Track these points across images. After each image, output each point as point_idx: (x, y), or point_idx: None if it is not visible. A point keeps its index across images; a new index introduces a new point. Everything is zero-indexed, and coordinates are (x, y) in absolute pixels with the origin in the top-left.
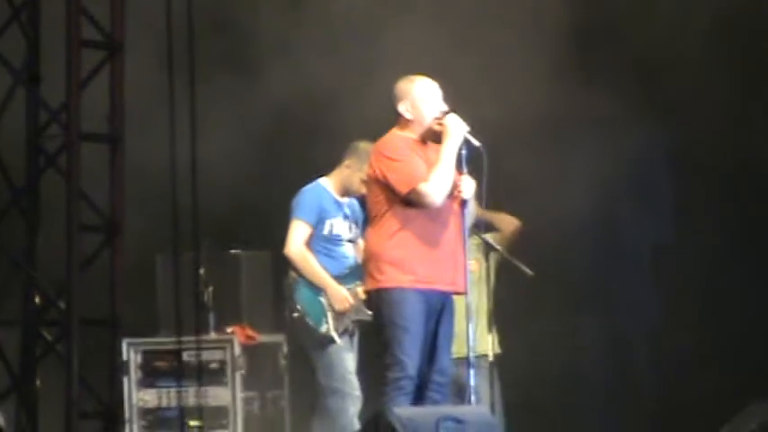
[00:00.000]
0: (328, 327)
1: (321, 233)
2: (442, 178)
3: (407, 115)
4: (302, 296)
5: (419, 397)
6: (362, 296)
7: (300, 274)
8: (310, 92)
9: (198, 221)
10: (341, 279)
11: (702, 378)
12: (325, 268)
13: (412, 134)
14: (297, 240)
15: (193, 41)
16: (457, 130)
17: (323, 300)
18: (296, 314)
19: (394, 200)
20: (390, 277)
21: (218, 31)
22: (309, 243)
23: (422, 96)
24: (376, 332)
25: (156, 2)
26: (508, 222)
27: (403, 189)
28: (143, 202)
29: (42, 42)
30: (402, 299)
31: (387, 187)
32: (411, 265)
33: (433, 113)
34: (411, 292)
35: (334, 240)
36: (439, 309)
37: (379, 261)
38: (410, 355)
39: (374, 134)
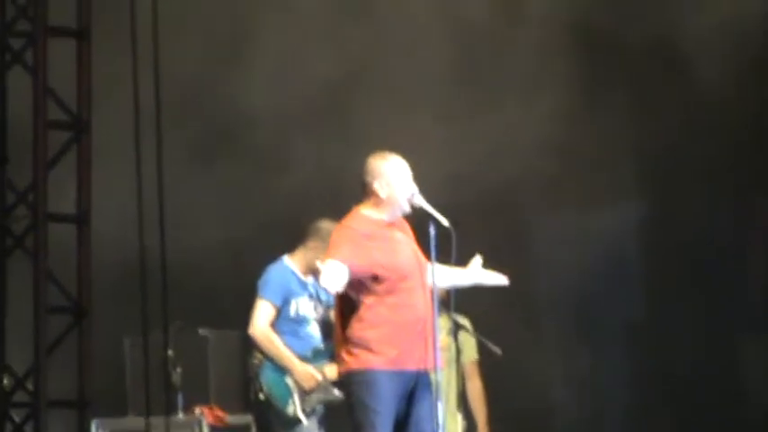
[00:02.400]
0: (295, 407)
1: (287, 313)
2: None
3: (382, 194)
4: (268, 377)
5: None
6: (329, 375)
7: (265, 355)
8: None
9: (167, 302)
10: (307, 359)
11: None
12: (291, 348)
13: (381, 214)
14: (261, 320)
15: (161, 123)
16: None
17: (289, 381)
18: (261, 396)
19: (362, 282)
20: (360, 359)
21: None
22: (275, 323)
23: (396, 176)
24: (348, 414)
25: (125, 85)
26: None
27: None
28: (110, 284)
29: (8, 124)
30: (373, 380)
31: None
32: (380, 346)
33: (405, 194)
34: (382, 373)
35: (300, 320)
36: (411, 388)
37: (348, 343)
38: None
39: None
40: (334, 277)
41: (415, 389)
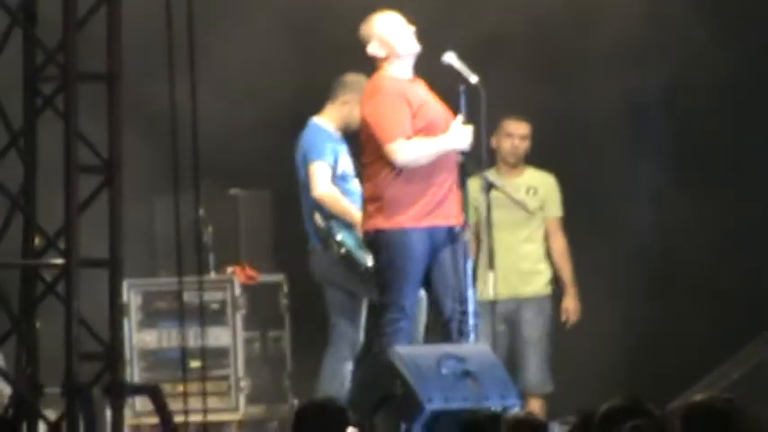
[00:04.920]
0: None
1: (335, 171)
2: (420, 153)
3: (380, 53)
4: (342, 234)
5: (447, 334)
6: None
7: (332, 214)
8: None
9: (198, 161)
10: None
11: (700, 317)
12: None
13: (396, 73)
14: (322, 181)
15: None
16: (459, 140)
17: (359, 234)
18: (343, 250)
19: None
20: (392, 218)
21: None
22: None
23: (386, 31)
24: (375, 272)
25: None
26: None
27: (383, 140)
28: (141, 143)
29: None
30: (402, 240)
31: None
32: (410, 204)
33: (405, 42)
34: (413, 231)
35: (344, 177)
36: (446, 242)
37: (378, 201)
38: (408, 297)
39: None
40: (412, 154)
41: (442, 245)
